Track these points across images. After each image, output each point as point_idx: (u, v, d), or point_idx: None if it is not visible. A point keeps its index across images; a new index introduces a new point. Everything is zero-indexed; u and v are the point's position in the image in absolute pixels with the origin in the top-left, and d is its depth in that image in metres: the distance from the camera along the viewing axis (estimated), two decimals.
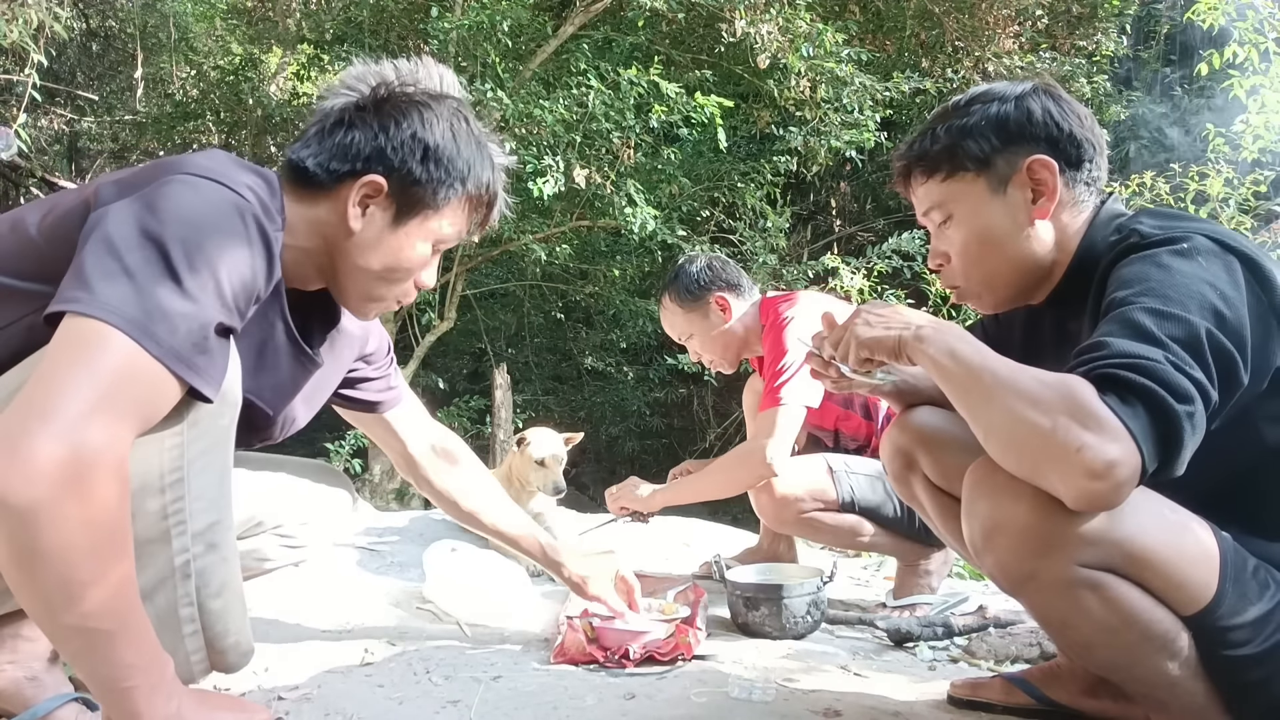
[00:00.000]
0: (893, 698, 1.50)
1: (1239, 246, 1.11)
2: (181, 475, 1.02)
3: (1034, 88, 1.28)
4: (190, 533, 1.04)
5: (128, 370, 0.91)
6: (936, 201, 1.31)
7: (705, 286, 2.35)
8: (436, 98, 1.22)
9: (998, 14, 6.96)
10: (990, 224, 1.27)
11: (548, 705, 1.44)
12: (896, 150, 1.38)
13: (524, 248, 6.41)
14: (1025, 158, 1.24)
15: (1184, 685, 1.11)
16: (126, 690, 0.95)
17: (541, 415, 7.97)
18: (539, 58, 6.13)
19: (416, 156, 1.18)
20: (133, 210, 0.98)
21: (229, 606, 1.10)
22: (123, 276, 0.93)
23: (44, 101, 7.34)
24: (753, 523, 2.65)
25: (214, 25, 7.99)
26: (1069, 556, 1.05)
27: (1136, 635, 1.08)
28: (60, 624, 0.91)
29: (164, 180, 1.01)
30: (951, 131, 1.27)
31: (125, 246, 0.95)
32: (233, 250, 1.00)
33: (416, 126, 1.18)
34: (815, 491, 2.14)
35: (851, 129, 6.05)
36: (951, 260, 1.32)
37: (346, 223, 1.18)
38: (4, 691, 1.22)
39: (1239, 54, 4.68)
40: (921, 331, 1.15)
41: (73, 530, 0.87)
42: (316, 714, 1.38)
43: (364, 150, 1.16)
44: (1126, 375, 0.98)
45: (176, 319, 0.94)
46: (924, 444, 1.43)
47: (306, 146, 1.18)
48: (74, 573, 0.88)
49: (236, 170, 1.08)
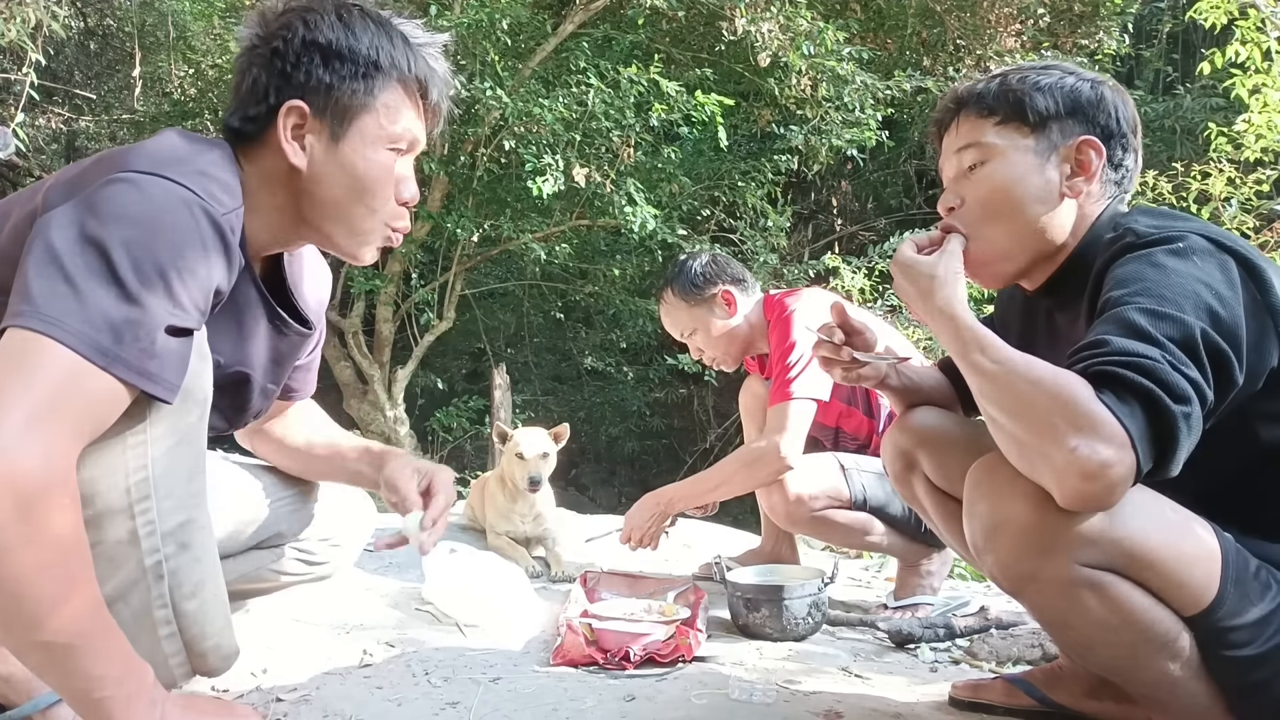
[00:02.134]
0: (894, 699, 1.49)
1: (1234, 246, 1.11)
2: (147, 475, 1.00)
3: (1111, 81, 1.29)
4: (160, 533, 1.02)
5: (68, 381, 0.89)
6: (977, 141, 1.26)
7: (710, 280, 2.33)
8: (310, 6, 1.14)
9: (999, 12, 6.95)
10: (1024, 181, 1.24)
11: (547, 707, 1.43)
12: (953, 86, 1.36)
13: (523, 247, 6.40)
14: (1080, 135, 1.23)
15: (1185, 686, 1.10)
16: (100, 701, 0.93)
17: (541, 415, 7.97)
18: (538, 56, 6.11)
19: (316, 62, 1.10)
20: (74, 214, 0.95)
21: (206, 607, 1.07)
22: (64, 285, 0.91)
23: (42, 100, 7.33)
24: (753, 524, 2.65)
25: (212, 24, 7.96)
26: (1070, 556, 1.04)
27: (1137, 635, 1.07)
28: (22, 642, 0.90)
29: (107, 180, 0.98)
30: (1025, 83, 1.25)
31: (66, 253, 0.92)
32: (182, 248, 0.97)
33: (302, 33, 1.11)
34: (829, 490, 2.13)
35: (852, 128, 6.04)
36: (965, 205, 1.27)
37: (290, 161, 1.12)
38: (12, 677, 1.20)
39: (1241, 53, 4.67)
40: (937, 309, 1.18)
41: (20, 551, 0.85)
42: (315, 715, 1.37)
43: (269, 82, 1.11)
44: (1124, 374, 0.97)
45: (121, 325, 0.92)
46: (925, 444, 1.43)
47: (232, 110, 1.15)
48: (28, 591, 0.87)
49: (189, 155, 1.04)
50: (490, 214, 6.65)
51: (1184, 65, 8.35)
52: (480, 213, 6.59)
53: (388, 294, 6.73)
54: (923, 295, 1.20)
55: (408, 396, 7.21)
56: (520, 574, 2.10)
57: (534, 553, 2.60)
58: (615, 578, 2.25)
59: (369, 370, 6.84)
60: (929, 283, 1.20)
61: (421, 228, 6.45)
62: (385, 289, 6.62)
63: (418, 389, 7.84)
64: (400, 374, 6.96)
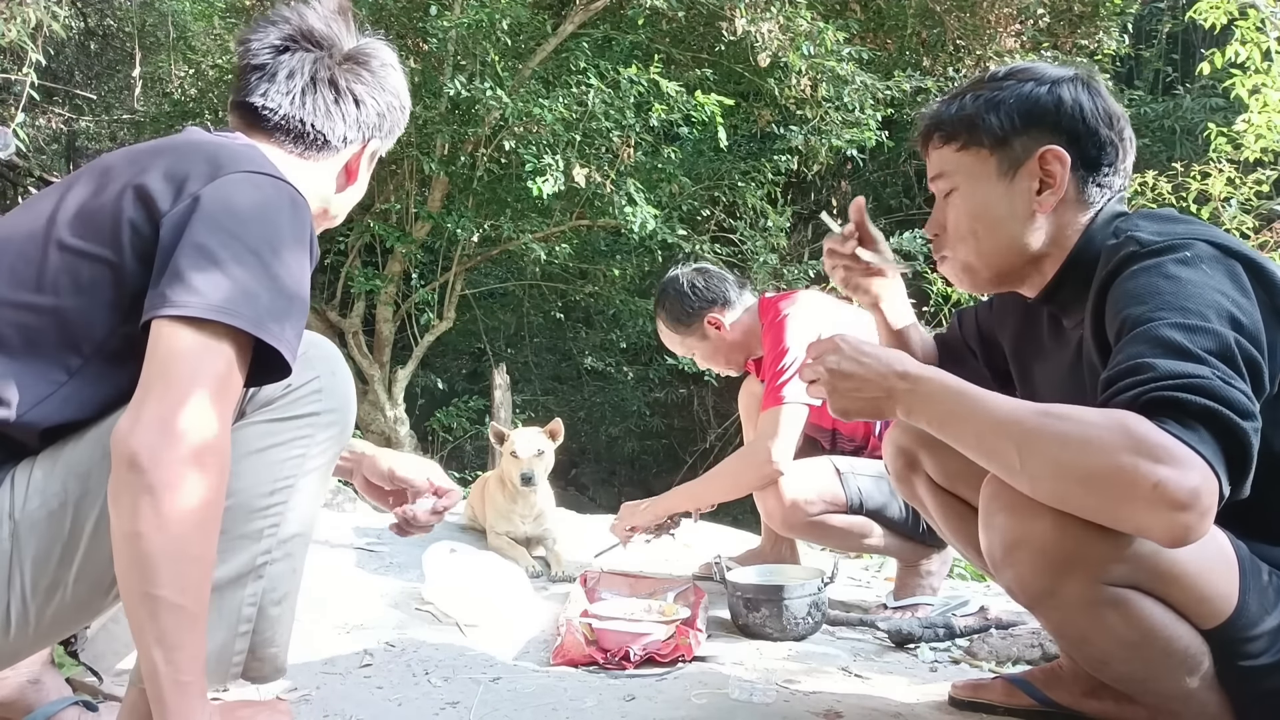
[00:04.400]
0: (894, 699, 1.50)
1: (1239, 250, 1.09)
2: (292, 485, 1.08)
3: (1074, 75, 1.24)
4: (278, 537, 1.09)
5: (235, 366, 0.98)
6: (945, 170, 1.29)
7: (694, 313, 2.37)
8: (387, 50, 1.32)
9: (999, 12, 6.95)
10: (989, 206, 1.25)
11: (547, 707, 1.43)
12: (925, 107, 1.37)
13: (523, 247, 6.40)
14: (1042, 145, 1.20)
15: (1198, 697, 1.09)
16: (185, 685, 0.96)
17: (541, 415, 7.95)
18: (538, 56, 6.11)
19: (396, 116, 1.32)
20: (214, 218, 1.01)
21: (283, 618, 1.14)
22: (224, 277, 0.98)
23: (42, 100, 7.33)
24: (753, 524, 2.65)
25: (212, 24, 7.97)
26: (1093, 574, 1.02)
27: (1157, 651, 1.06)
28: (160, 597, 0.94)
29: (225, 179, 1.04)
30: (979, 102, 1.24)
31: (222, 250, 0.99)
32: (299, 245, 1.06)
33: (395, 83, 1.31)
34: (826, 494, 2.13)
35: (852, 128, 6.03)
36: (945, 231, 1.30)
37: (347, 179, 1.30)
38: (7, 699, 1.23)
39: (1241, 53, 4.67)
40: (913, 385, 1.09)
41: (198, 506, 0.94)
42: (315, 715, 1.38)
43: (372, 120, 1.28)
44: (1181, 397, 0.93)
45: (285, 309, 1.01)
46: (926, 443, 1.43)
47: (324, 116, 1.22)
48: (189, 547, 0.94)
49: (258, 156, 1.12)
50: (490, 214, 6.65)
51: (1184, 65, 8.35)
52: (480, 213, 6.59)
53: (388, 294, 6.73)
54: (889, 394, 1.12)
55: (408, 396, 7.21)
56: (520, 574, 2.10)
57: (534, 553, 2.60)
58: (615, 578, 2.26)
59: (369, 370, 6.83)
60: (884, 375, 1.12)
61: (421, 228, 6.45)
62: (385, 289, 6.62)
63: (418, 389, 7.83)
64: (400, 374, 6.96)
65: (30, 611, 1.03)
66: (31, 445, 1.04)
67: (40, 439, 1.04)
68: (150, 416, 0.93)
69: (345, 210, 1.35)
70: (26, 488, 1.02)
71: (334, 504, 3.54)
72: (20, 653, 1.11)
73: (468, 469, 7.16)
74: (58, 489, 1.02)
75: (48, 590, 1.03)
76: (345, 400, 1.15)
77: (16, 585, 1.02)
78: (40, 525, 1.01)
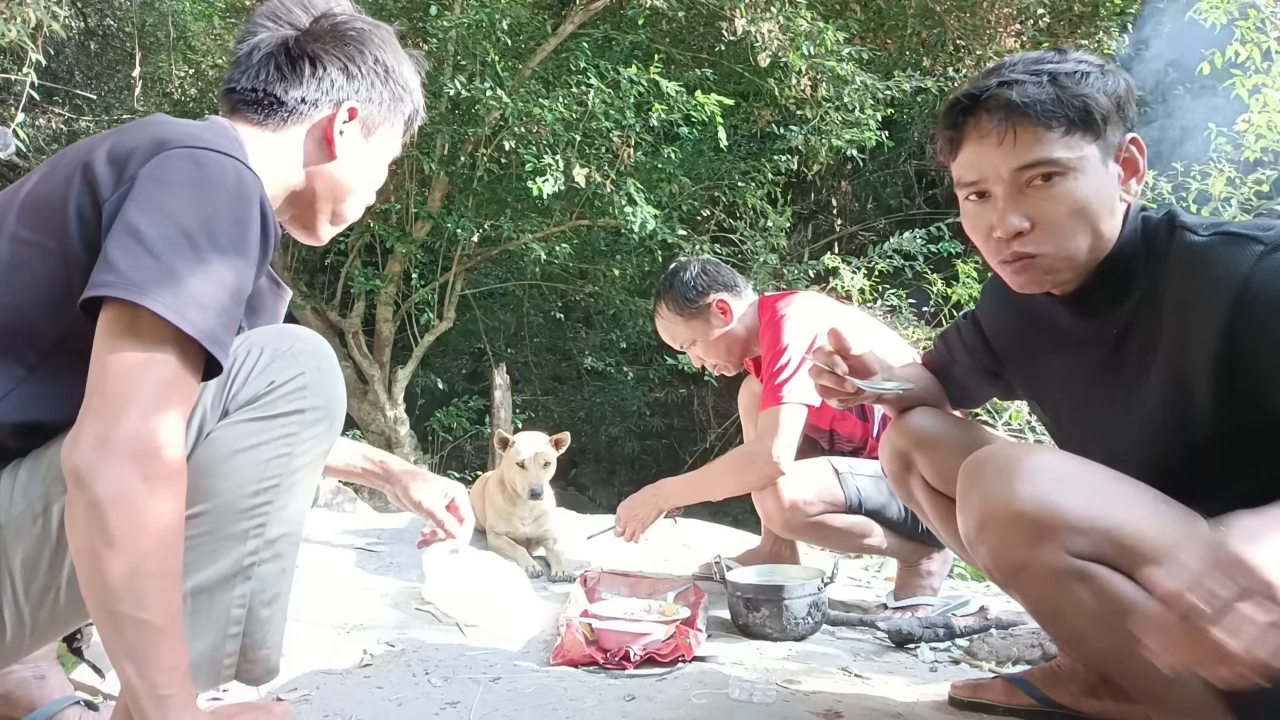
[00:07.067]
0: (894, 699, 1.50)
1: None
2: (278, 484, 1.06)
3: (1101, 63, 1.18)
4: (265, 538, 1.07)
5: (185, 369, 0.95)
6: (1046, 157, 1.13)
7: (703, 291, 2.33)
8: (373, 26, 1.27)
9: (999, 12, 6.94)
10: (1099, 194, 1.15)
11: (547, 707, 1.43)
12: (968, 87, 1.20)
13: (523, 247, 6.39)
14: (1125, 133, 1.17)
15: (1182, 680, 1.10)
16: (163, 699, 0.95)
17: (541, 415, 7.96)
18: (538, 56, 6.11)
19: (380, 76, 1.25)
20: (148, 196, 0.98)
21: (274, 619, 1.12)
22: (150, 259, 0.94)
23: (42, 100, 7.31)
24: (753, 523, 2.65)
25: (212, 24, 7.96)
26: (1059, 544, 1.05)
27: (1128, 627, 1.07)
28: (120, 613, 0.92)
29: (167, 155, 1.00)
30: (1077, 83, 1.13)
31: (151, 227, 0.95)
32: (238, 223, 1.01)
33: (377, 52, 1.25)
34: (824, 495, 2.13)
35: (852, 128, 6.03)
36: (1039, 226, 1.15)
37: (328, 148, 1.22)
38: (11, 694, 1.22)
39: (1240, 53, 4.67)
40: None
41: (148, 521, 0.91)
42: (315, 715, 1.38)
43: (337, 80, 1.22)
44: None
45: (212, 305, 0.96)
46: (920, 446, 1.43)
47: (277, 80, 1.19)
48: (143, 563, 0.92)
49: (210, 134, 1.07)
50: (490, 214, 6.65)
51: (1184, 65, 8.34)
52: (480, 213, 6.59)
53: (388, 294, 6.72)
54: None
55: (408, 396, 7.20)
56: (520, 574, 2.10)
57: (534, 553, 2.60)
58: (615, 578, 2.26)
59: (369, 370, 6.83)
60: None
61: (421, 228, 6.44)
62: (385, 289, 6.61)
63: (418, 389, 7.83)
64: (400, 374, 6.95)
65: (24, 614, 1.02)
66: (8, 444, 1.02)
67: (14, 437, 1.01)
68: (88, 431, 0.91)
69: (345, 187, 1.26)
70: (12, 491, 1.00)
71: (334, 504, 3.55)
72: (19, 654, 1.10)
73: (468, 469, 7.16)
74: (40, 492, 1.00)
75: (40, 593, 1.02)
76: (332, 397, 1.11)
77: (7, 588, 1.01)
78: (26, 529, 1.00)
